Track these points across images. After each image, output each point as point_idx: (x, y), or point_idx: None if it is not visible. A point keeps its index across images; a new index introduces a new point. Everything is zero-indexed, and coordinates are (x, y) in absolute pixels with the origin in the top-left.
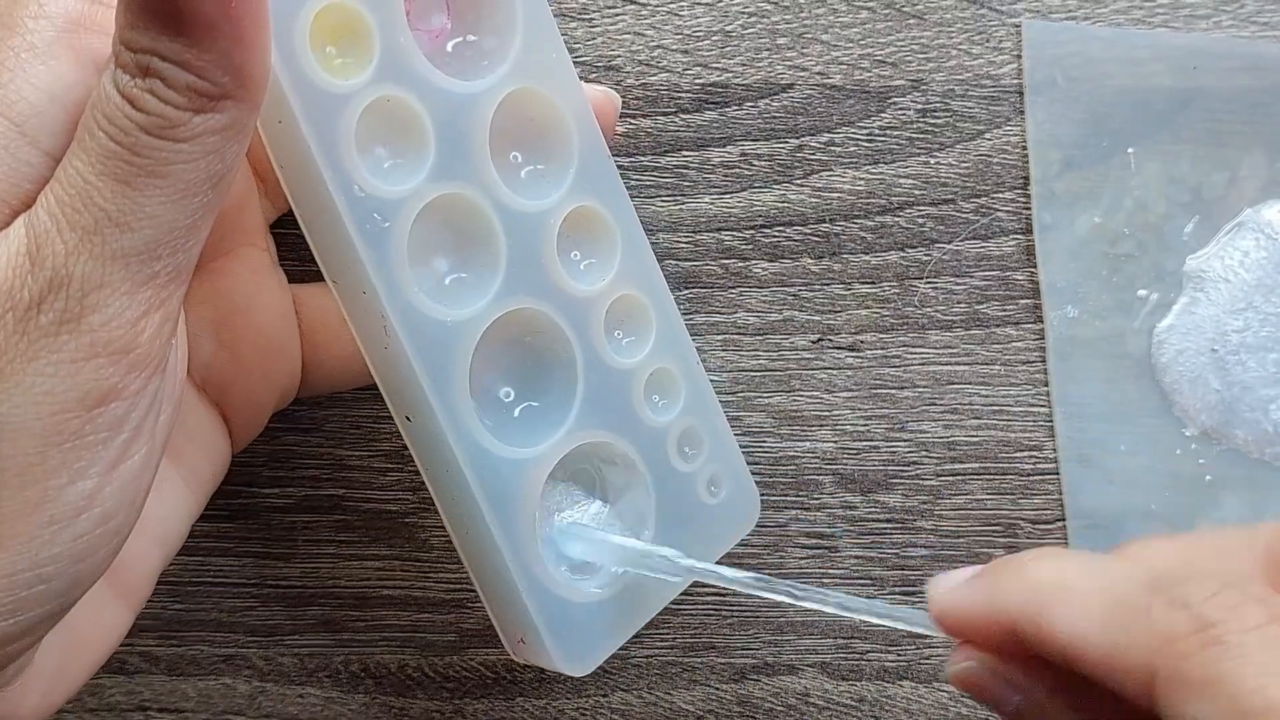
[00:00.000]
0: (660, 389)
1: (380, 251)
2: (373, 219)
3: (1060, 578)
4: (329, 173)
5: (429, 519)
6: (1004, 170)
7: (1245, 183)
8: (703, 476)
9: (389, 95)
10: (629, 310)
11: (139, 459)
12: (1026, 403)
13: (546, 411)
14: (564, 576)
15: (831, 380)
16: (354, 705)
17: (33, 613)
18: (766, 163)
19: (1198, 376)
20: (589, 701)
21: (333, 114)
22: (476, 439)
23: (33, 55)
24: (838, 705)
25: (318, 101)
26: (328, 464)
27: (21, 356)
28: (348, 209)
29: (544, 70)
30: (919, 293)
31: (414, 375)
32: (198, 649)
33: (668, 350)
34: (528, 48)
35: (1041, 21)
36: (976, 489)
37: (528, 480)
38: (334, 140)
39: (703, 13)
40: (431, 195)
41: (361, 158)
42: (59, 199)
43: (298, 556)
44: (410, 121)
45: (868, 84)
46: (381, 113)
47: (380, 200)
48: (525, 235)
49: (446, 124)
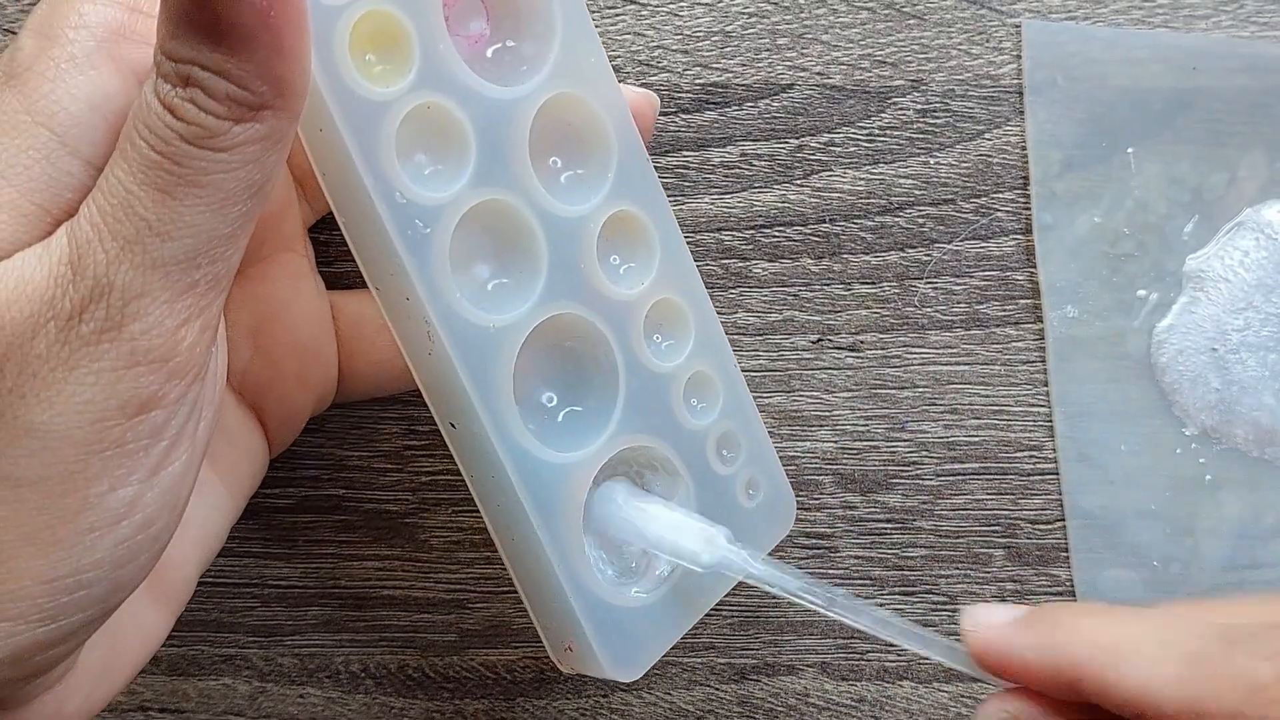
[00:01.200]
0: (699, 392)
1: (422, 258)
2: (414, 225)
3: (1125, 631)
4: (370, 180)
5: (429, 519)
6: (1004, 170)
7: (1245, 183)
8: (741, 479)
9: (429, 102)
10: (668, 313)
11: (179, 465)
12: (1026, 403)
13: (589, 416)
14: (610, 581)
15: (831, 380)
16: (354, 705)
17: (74, 618)
18: (766, 163)
19: (1198, 376)
20: (589, 702)
21: (373, 121)
22: (521, 444)
23: (73, 65)
24: (838, 705)
25: (358, 109)
26: (328, 464)
27: (63, 365)
28: (390, 216)
29: (583, 74)
30: (919, 293)
31: (458, 381)
32: (198, 649)
33: (706, 353)
34: (567, 52)
35: (1041, 21)
36: (976, 489)
37: (573, 485)
38: (375, 148)
39: (703, 13)
40: (473, 201)
41: (402, 165)
42: (101, 209)
43: (298, 556)
44: (451, 128)
45: (868, 84)
46: (422, 119)
47: (422, 207)
48: (566, 240)
49: (487, 130)
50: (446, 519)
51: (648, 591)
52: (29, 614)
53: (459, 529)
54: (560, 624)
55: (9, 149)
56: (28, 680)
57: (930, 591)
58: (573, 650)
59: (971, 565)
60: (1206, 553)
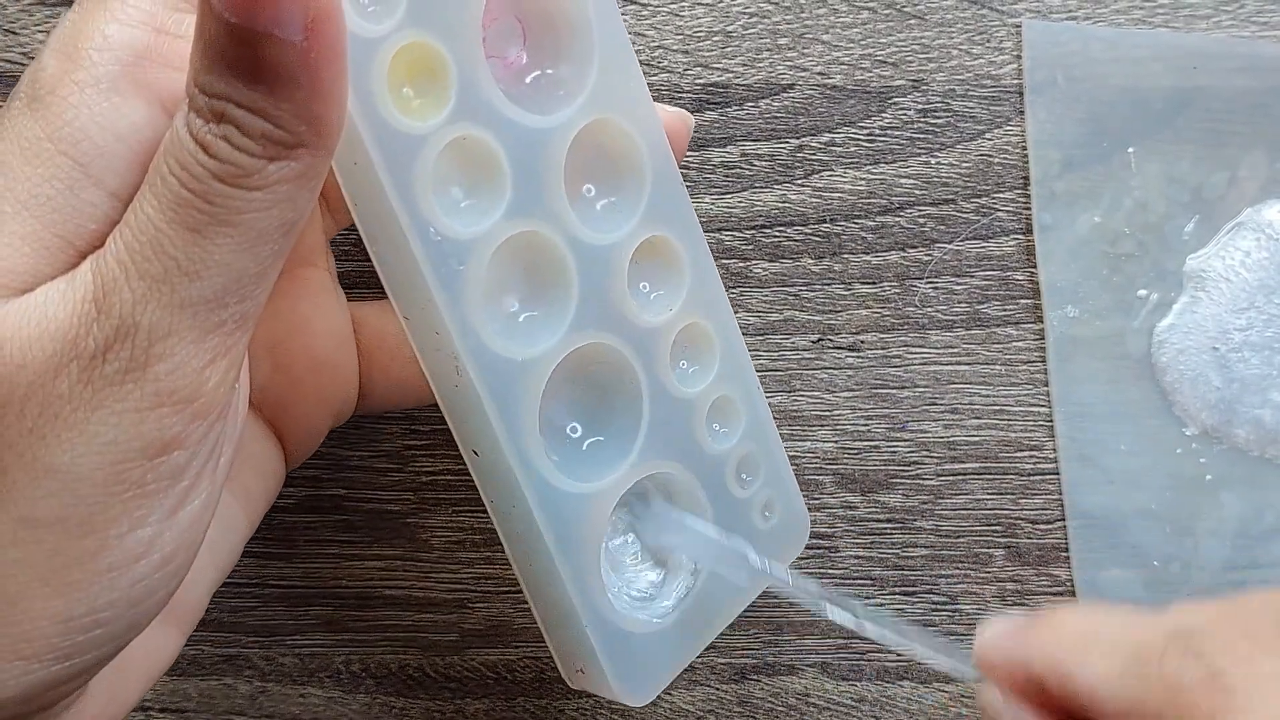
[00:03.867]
0: (721, 416)
1: (454, 294)
2: (448, 263)
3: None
4: (405, 218)
5: (430, 519)
6: (1004, 170)
7: (1245, 183)
8: (758, 502)
9: (466, 134)
10: (695, 338)
11: (199, 503)
12: (1026, 403)
13: (612, 444)
14: (625, 607)
15: (832, 380)
16: (355, 705)
17: (88, 655)
18: (767, 163)
19: (1199, 375)
20: (589, 701)
21: (409, 156)
22: (544, 475)
23: (97, 91)
24: (838, 705)
25: (394, 144)
26: (329, 464)
27: (85, 405)
28: (423, 253)
29: (620, 98)
30: (919, 293)
31: (483, 413)
32: (199, 649)
33: (730, 377)
34: (605, 75)
35: (1042, 21)
36: (976, 489)
37: (594, 514)
38: (410, 183)
39: (703, 13)
40: (507, 234)
41: (438, 199)
42: (128, 245)
43: (299, 556)
44: (487, 159)
45: (868, 84)
46: (458, 151)
47: (456, 243)
48: (597, 268)
49: (523, 160)
50: (446, 519)
51: (661, 617)
52: (43, 654)
53: (459, 529)
54: (574, 648)
55: (31, 178)
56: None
57: (930, 591)
58: (584, 673)
59: (971, 565)
60: (1206, 553)
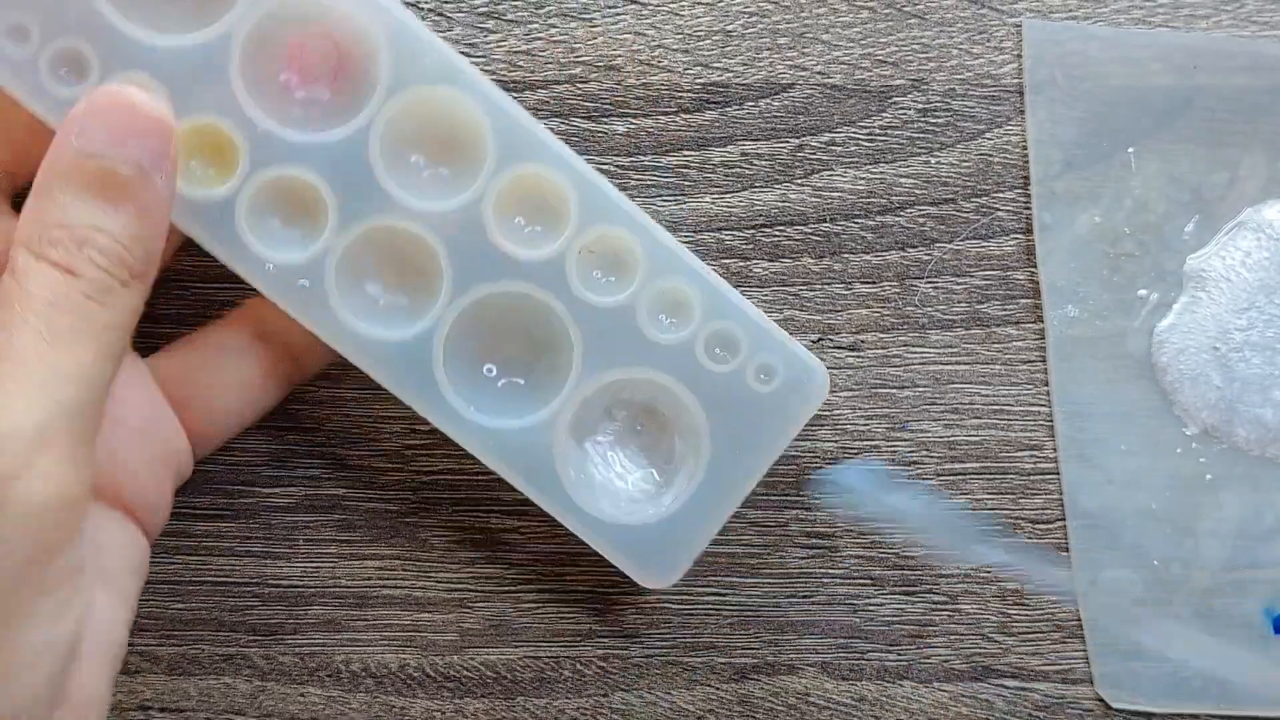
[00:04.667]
0: (668, 309)
1: (314, 308)
2: (296, 285)
3: None
4: (240, 267)
5: (430, 518)
6: (1004, 170)
7: (1245, 183)
8: (749, 370)
9: (275, 175)
10: (607, 247)
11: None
12: (1026, 402)
13: (550, 373)
14: (637, 495)
15: (831, 380)
16: (355, 704)
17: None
18: (767, 162)
19: (1200, 374)
20: (589, 701)
21: (220, 216)
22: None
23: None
24: (838, 705)
25: (203, 212)
26: (329, 463)
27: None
28: (268, 287)
29: (422, 75)
30: (919, 292)
31: (402, 396)
32: (199, 648)
33: (665, 270)
34: (399, 65)
35: (1042, 21)
36: (976, 489)
37: (550, 441)
38: (230, 238)
39: (703, 12)
40: (347, 240)
41: (262, 239)
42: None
43: (299, 556)
44: (300, 189)
45: (868, 84)
46: (270, 190)
47: (296, 267)
48: (457, 230)
49: (337, 172)
50: (446, 519)
51: (665, 508)
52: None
53: (459, 529)
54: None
55: None
56: None
57: (930, 591)
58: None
59: (972, 565)
60: (1206, 553)
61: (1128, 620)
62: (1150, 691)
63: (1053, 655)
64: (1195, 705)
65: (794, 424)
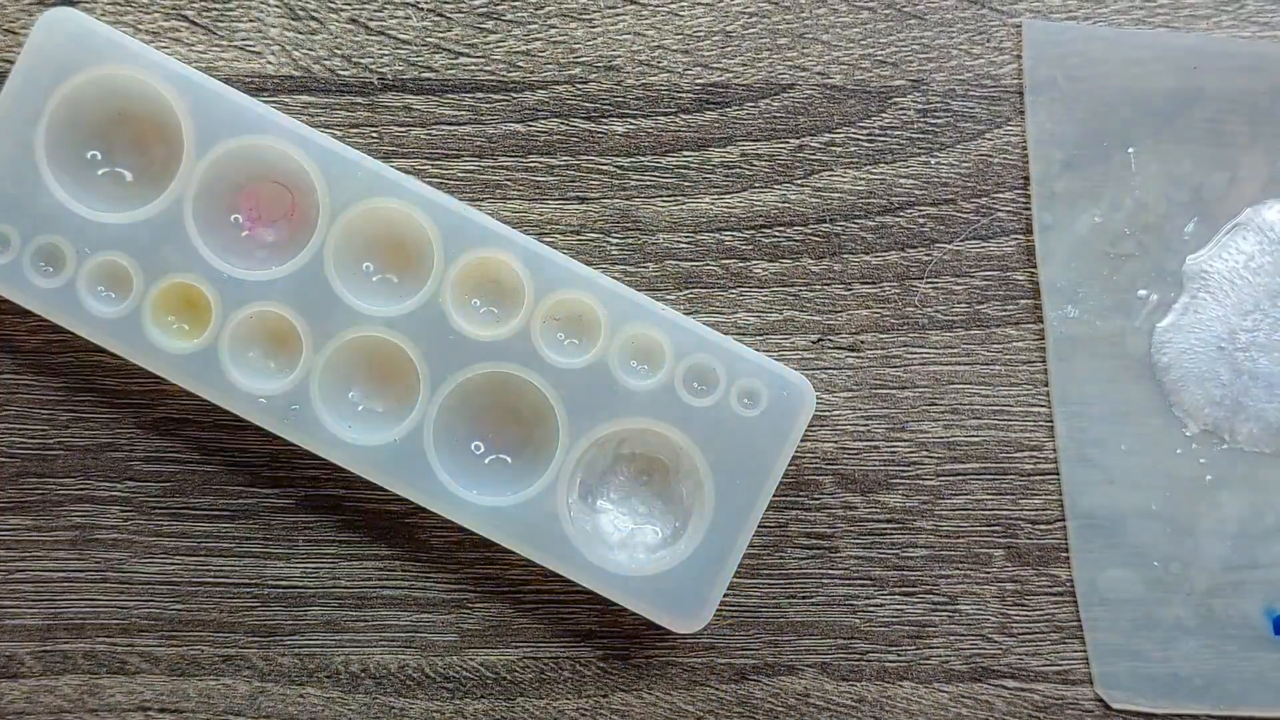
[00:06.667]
0: (638, 355)
1: (301, 427)
2: (289, 412)
3: None
4: (235, 406)
5: (429, 519)
6: (1004, 170)
7: (1245, 183)
8: (733, 398)
9: (248, 314)
10: (564, 312)
11: None
12: (1026, 403)
13: (541, 443)
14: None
15: (831, 380)
16: (354, 705)
17: None
18: (767, 163)
19: (1203, 373)
20: (589, 702)
21: (206, 364)
22: (486, 505)
23: None
24: (838, 705)
25: (184, 364)
26: (329, 464)
27: None
28: (264, 418)
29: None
30: (919, 293)
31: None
32: (198, 649)
33: (626, 319)
34: (333, 187)
35: (1042, 21)
36: (976, 489)
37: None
38: (223, 387)
39: (703, 13)
40: (323, 358)
41: (247, 375)
42: None
43: (298, 556)
44: (274, 322)
45: (868, 84)
46: (245, 328)
47: (287, 395)
48: (422, 326)
49: (301, 296)
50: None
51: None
52: None
53: (459, 529)
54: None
55: None
56: None
57: (930, 591)
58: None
59: (971, 565)
60: (1206, 553)
61: (1127, 620)
62: (1150, 691)
63: (1052, 655)
64: (1195, 705)
65: (788, 442)
